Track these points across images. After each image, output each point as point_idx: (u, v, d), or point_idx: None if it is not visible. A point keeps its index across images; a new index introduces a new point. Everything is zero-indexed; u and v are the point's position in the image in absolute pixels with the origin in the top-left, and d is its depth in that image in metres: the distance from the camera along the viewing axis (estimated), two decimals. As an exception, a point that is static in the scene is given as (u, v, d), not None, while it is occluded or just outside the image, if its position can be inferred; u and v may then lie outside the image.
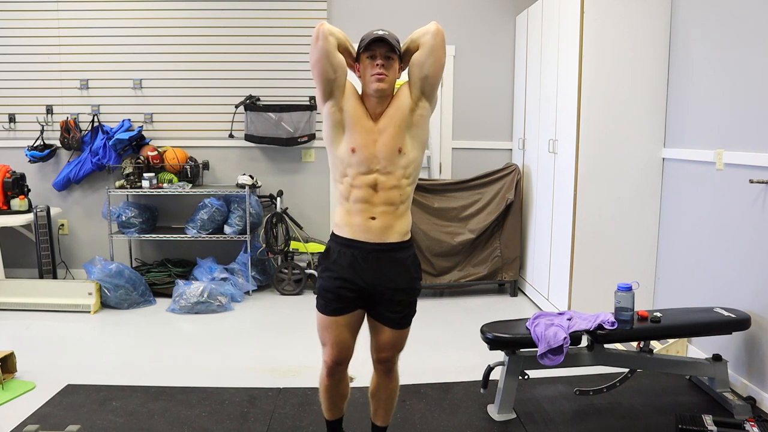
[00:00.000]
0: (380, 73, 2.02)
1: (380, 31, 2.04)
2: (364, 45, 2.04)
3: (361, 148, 2.05)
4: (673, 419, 2.67)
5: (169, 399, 2.96)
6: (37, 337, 3.88)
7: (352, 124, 2.07)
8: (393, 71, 2.05)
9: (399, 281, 2.14)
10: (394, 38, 2.05)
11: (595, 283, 3.79)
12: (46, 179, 5.08)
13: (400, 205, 2.10)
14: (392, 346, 2.20)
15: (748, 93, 2.96)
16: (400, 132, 2.06)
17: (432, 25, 2.05)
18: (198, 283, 4.47)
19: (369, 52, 2.04)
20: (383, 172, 2.06)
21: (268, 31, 5.00)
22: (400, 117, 2.06)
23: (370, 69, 2.04)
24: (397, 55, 2.06)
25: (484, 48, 5.10)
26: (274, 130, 4.97)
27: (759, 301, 2.88)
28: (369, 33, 2.05)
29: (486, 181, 4.82)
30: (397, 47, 2.05)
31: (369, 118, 2.08)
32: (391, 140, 2.05)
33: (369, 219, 2.07)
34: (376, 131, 2.07)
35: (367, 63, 2.05)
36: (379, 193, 2.07)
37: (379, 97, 2.05)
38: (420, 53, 2.05)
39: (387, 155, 2.05)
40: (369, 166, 2.05)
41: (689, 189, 3.49)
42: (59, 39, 4.96)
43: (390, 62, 2.04)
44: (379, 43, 2.02)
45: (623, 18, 3.67)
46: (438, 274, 4.74)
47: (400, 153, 2.06)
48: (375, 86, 2.03)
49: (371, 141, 2.05)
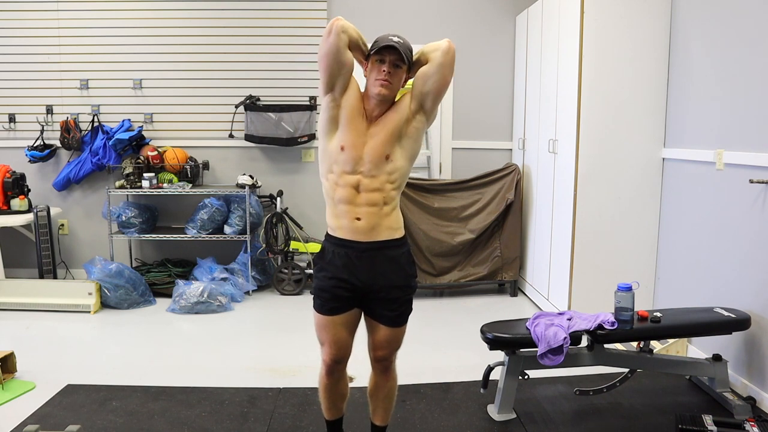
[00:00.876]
0: (386, 80, 2.03)
1: (395, 38, 2.04)
2: (376, 49, 2.04)
3: (349, 148, 2.06)
4: (673, 419, 2.67)
5: (169, 399, 2.96)
6: (37, 337, 3.88)
7: (346, 122, 2.08)
8: (398, 79, 2.07)
9: (394, 279, 2.14)
10: (406, 47, 2.05)
11: (595, 283, 3.79)
12: (46, 179, 5.08)
13: (383, 206, 2.10)
14: (389, 344, 2.21)
15: (748, 93, 2.96)
16: (390, 140, 2.07)
17: (444, 43, 2.05)
18: (198, 283, 4.47)
19: (379, 56, 2.04)
20: (367, 175, 2.06)
21: (268, 31, 5.00)
22: (394, 125, 2.07)
23: (376, 73, 2.05)
24: (406, 65, 2.06)
25: (484, 48, 5.10)
26: (274, 130, 4.97)
27: (759, 301, 2.88)
28: (384, 37, 2.05)
29: (486, 181, 4.82)
30: (408, 57, 2.06)
31: (364, 119, 2.09)
32: (380, 146, 2.06)
33: (354, 220, 2.08)
34: (367, 134, 2.08)
35: (375, 66, 2.06)
36: (361, 194, 2.07)
37: (379, 101, 2.07)
38: (427, 68, 2.07)
39: (373, 159, 2.06)
40: (354, 167, 2.06)
41: (689, 189, 3.49)
42: (59, 39, 4.96)
43: (397, 70, 2.05)
44: (391, 50, 2.03)
45: (623, 18, 3.67)
46: (438, 274, 4.74)
47: (387, 160, 2.07)
48: (377, 90, 2.04)
49: (361, 143, 2.06)
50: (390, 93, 2.06)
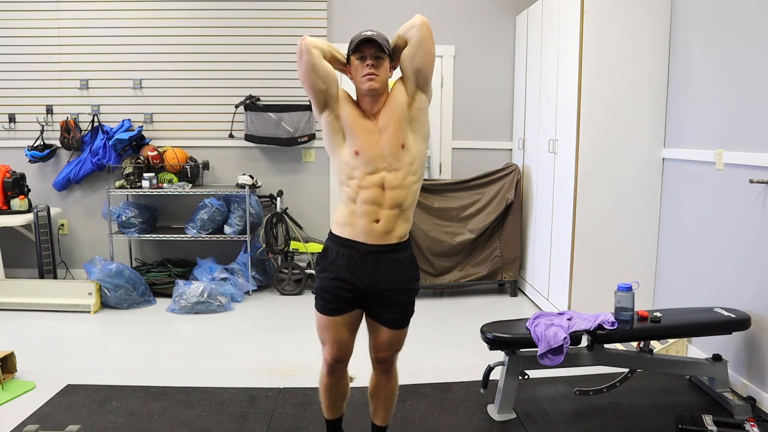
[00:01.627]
0: (371, 74, 2.03)
1: (368, 32, 2.05)
2: (353, 47, 2.05)
3: (364, 150, 2.06)
4: (673, 419, 2.67)
5: (169, 399, 2.96)
6: (37, 337, 3.88)
7: (351, 128, 2.07)
8: (384, 70, 2.06)
9: (397, 282, 2.14)
10: (382, 38, 2.06)
11: (595, 283, 3.79)
12: (46, 179, 5.08)
13: (407, 209, 2.11)
14: (390, 346, 2.21)
15: (748, 93, 2.96)
16: (400, 128, 2.07)
17: (417, 18, 2.06)
18: (198, 283, 4.47)
19: (359, 54, 2.05)
20: (390, 170, 2.06)
21: (268, 31, 5.00)
22: (398, 114, 2.07)
23: (360, 70, 2.05)
24: (387, 54, 2.06)
25: (484, 48, 5.10)
26: (274, 130, 4.97)
27: (759, 301, 2.88)
28: (357, 34, 2.06)
29: (486, 181, 4.82)
30: (386, 46, 2.06)
31: (367, 119, 2.09)
32: (393, 137, 2.06)
33: (373, 222, 2.07)
34: (376, 130, 2.07)
35: (357, 64, 2.06)
36: (387, 192, 2.07)
37: (372, 96, 2.07)
38: (409, 48, 2.07)
39: (391, 152, 2.06)
40: (375, 166, 2.06)
41: (689, 189, 3.49)
42: (59, 39, 4.96)
43: (380, 62, 2.05)
44: (368, 44, 2.03)
45: (623, 18, 3.67)
46: (438, 274, 4.74)
47: (403, 149, 2.07)
48: (367, 86, 2.04)
49: (373, 141, 2.06)
50: (380, 86, 2.06)
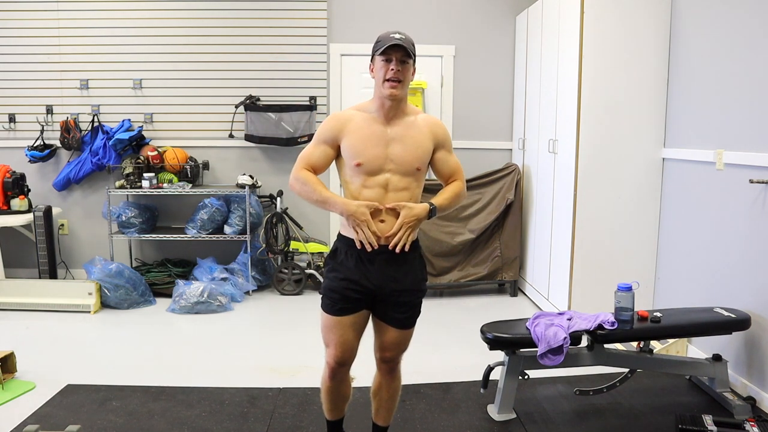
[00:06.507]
0: (395, 80, 2.03)
1: (396, 35, 2.03)
2: (381, 50, 2.04)
3: (370, 161, 2.06)
4: (673, 419, 2.67)
5: (169, 399, 2.96)
6: (37, 337, 3.88)
7: (359, 143, 2.07)
8: (408, 74, 2.07)
9: (405, 282, 2.14)
10: (410, 43, 2.05)
11: (595, 283, 3.79)
12: (46, 179, 5.08)
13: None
14: (396, 345, 2.21)
15: (748, 93, 2.96)
16: (420, 157, 2.12)
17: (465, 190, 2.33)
18: (198, 283, 4.47)
19: (385, 56, 2.04)
20: (395, 172, 2.07)
21: (268, 31, 5.00)
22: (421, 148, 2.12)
23: (384, 72, 2.04)
24: (413, 59, 2.06)
25: (484, 48, 5.10)
26: (274, 130, 4.97)
27: (759, 301, 2.88)
28: (385, 35, 2.05)
29: (486, 181, 4.82)
30: (412, 51, 2.05)
31: (377, 123, 2.09)
32: (409, 156, 2.09)
33: (378, 222, 2.08)
34: (386, 137, 2.08)
35: (381, 65, 2.05)
36: (389, 194, 2.07)
37: (392, 101, 2.07)
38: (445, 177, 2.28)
39: (403, 164, 2.08)
40: (381, 166, 2.07)
41: (689, 189, 3.49)
42: (59, 39, 4.96)
43: (405, 66, 2.05)
44: (396, 48, 2.03)
45: (623, 18, 3.67)
46: (438, 274, 4.74)
47: (419, 171, 2.12)
48: (388, 93, 2.04)
49: (380, 151, 2.06)
50: (401, 92, 2.06)
